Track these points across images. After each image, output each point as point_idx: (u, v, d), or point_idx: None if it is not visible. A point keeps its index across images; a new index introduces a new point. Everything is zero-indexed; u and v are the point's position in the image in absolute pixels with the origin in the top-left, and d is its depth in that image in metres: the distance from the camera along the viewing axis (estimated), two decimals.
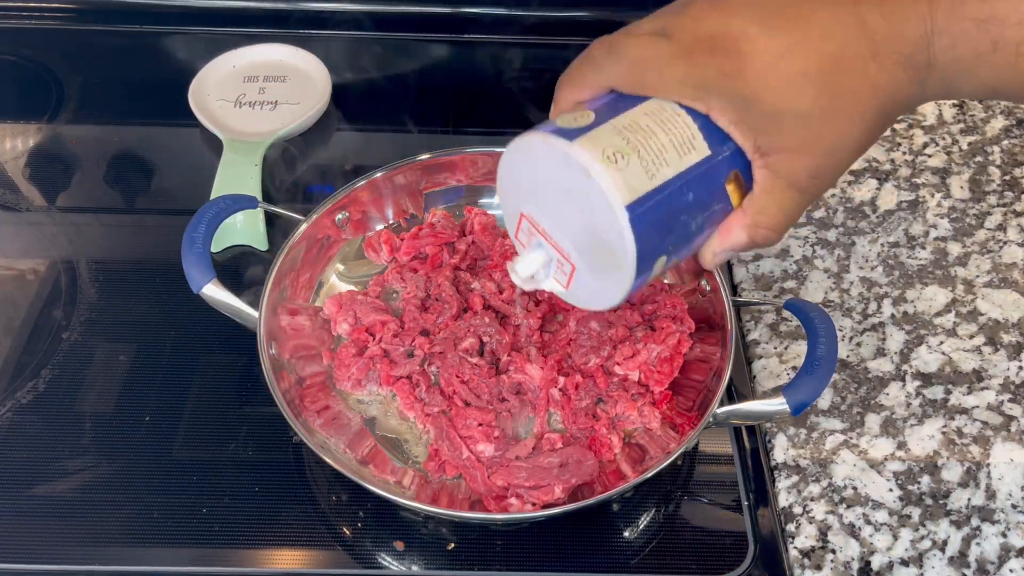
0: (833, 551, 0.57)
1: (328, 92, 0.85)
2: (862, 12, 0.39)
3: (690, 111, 0.41)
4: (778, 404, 0.56)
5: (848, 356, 0.67)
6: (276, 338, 0.63)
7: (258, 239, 0.75)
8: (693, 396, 0.63)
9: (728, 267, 0.74)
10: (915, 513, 0.59)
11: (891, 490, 0.60)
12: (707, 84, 0.39)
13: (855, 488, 0.60)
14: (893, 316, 0.69)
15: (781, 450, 0.62)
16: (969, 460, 0.62)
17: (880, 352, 0.67)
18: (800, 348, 0.67)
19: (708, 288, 0.66)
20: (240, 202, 0.68)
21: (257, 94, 0.85)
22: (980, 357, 0.67)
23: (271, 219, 0.76)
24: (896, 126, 0.83)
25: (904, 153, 0.81)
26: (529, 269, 0.44)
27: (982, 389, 0.65)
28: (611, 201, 0.38)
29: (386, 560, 0.59)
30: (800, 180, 0.41)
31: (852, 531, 0.58)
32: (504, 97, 0.88)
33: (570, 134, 0.39)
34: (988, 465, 0.61)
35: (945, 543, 0.58)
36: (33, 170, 0.82)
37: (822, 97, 0.39)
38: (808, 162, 0.41)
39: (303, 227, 0.67)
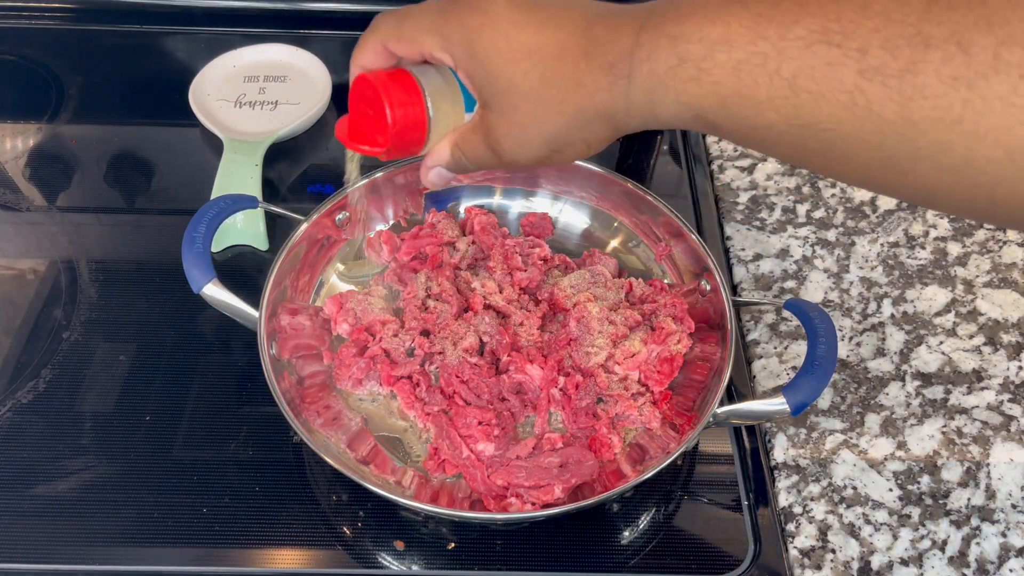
0: (833, 551, 0.58)
1: (328, 92, 0.85)
2: (592, 18, 0.43)
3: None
4: (778, 404, 0.56)
5: (848, 356, 0.67)
6: (276, 338, 0.63)
7: (258, 239, 0.75)
8: (693, 396, 0.63)
9: (728, 267, 0.74)
10: (915, 513, 0.59)
11: (891, 490, 0.60)
12: (448, 35, 0.45)
13: (855, 488, 0.60)
14: (893, 316, 0.70)
15: (781, 450, 0.62)
16: (969, 460, 0.62)
17: (880, 352, 0.67)
18: (800, 348, 0.67)
19: (708, 288, 0.66)
20: (240, 202, 0.68)
21: (257, 94, 0.85)
22: (980, 357, 0.67)
23: (271, 219, 0.76)
24: None
25: None
26: None
27: (982, 389, 0.65)
28: None
29: (386, 560, 0.59)
30: (492, 139, 0.47)
31: (852, 531, 0.58)
32: None
33: None
34: (988, 465, 0.61)
35: (945, 543, 0.58)
36: (33, 170, 0.82)
37: (533, 74, 0.43)
38: (503, 128, 0.46)
39: (303, 227, 0.67)
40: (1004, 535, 0.58)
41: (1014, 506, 0.59)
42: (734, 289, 0.73)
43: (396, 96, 0.48)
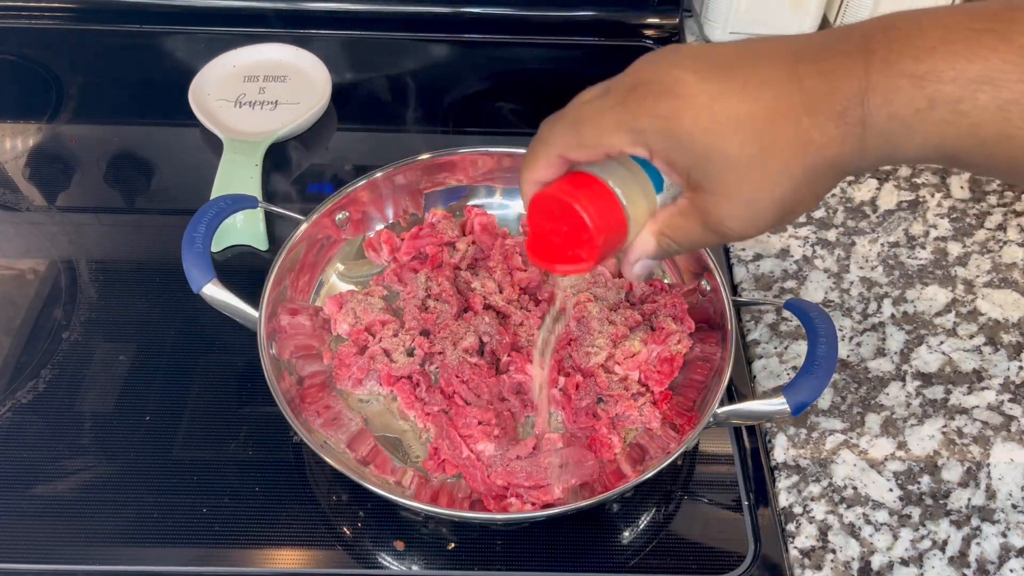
0: (833, 551, 0.57)
1: (328, 92, 0.85)
2: (799, 69, 0.39)
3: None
4: (778, 404, 0.56)
5: (848, 356, 0.67)
6: (276, 338, 0.63)
7: (258, 239, 0.75)
8: (693, 396, 0.63)
9: (728, 267, 0.74)
10: (915, 513, 0.59)
11: (891, 490, 0.60)
12: (642, 127, 0.40)
13: (855, 488, 0.60)
14: (893, 316, 0.70)
15: (781, 450, 0.62)
16: (969, 460, 0.62)
17: (880, 352, 0.67)
18: (800, 348, 0.67)
19: (708, 288, 0.66)
20: (240, 202, 0.68)
21: (257, 94, 0.85)
22: (980, 357, 0.67)
23: (271, 219, 0.76)
24: None
25: None
26: None
27: (982, 389, 0.65)
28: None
29: (386, 560, 0.59)
30: (713, 220, 0.42)
31: (852, 531, 0.58)
32: (504, 97, 0.88)
33: None
34: (988, 465, 0.61)
35: (945, 543, 0.58)
36: (33, 170, 0.82)
37: (750, 144, 0.39)
38: (726, 208, 0.41)
39: (303, 227, 0.67)
40: (1004, 535, 0.58)
41: (1014, 506, 0.59)
42: (734, 289, 0.73)
43: (591, 205, 0.43)
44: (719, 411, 0.58)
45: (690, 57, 0.41)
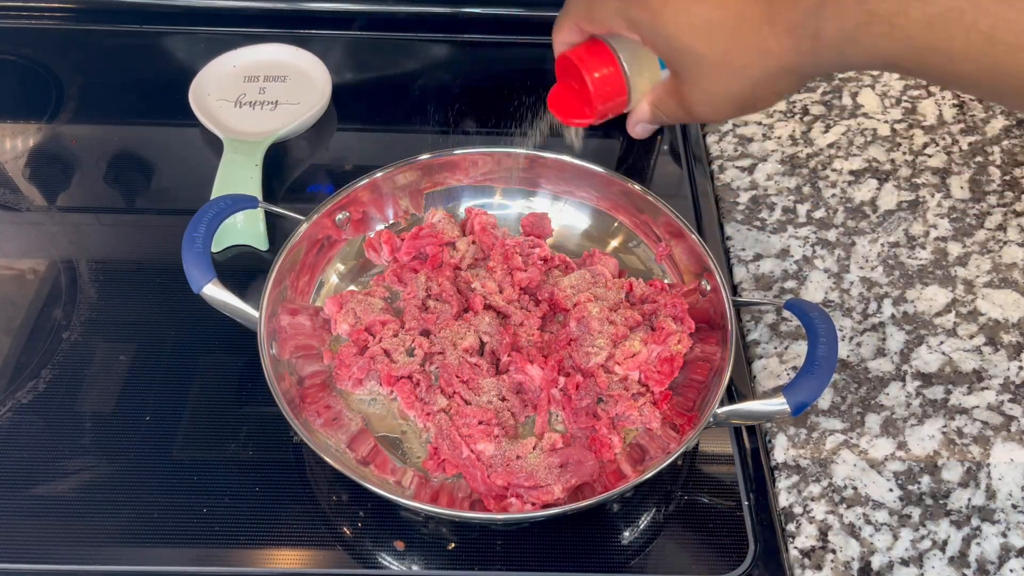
0: (833, 551, 0.57)
1: (328, 92, 0.85)
2: None
3: None
4: (778, 404, 0.56)
5: (848, 356, 0.67)
6: (276, 338, 0.63)
7: (258, 239, 0.75)
8: (693, 396, 0.63)
9: (728, 267, 0.74)
10: (915, 513, 0.59)
11: (891, 490, 0.60)
12: (637, 20, 0.48)
13: (855, 488, 0.60)
14: (893, 316, 0.70)
15: (781, 450, 0.62)
16: (969, 460, 0.62)
17: (880, 352, 0.67)
18: (800, 348, 0.67)
19: (708, 288, 0.66)
20: (240, 202, 0.68)
21: (257, 94, 0.85)
22: (980, 357, 0.67)
23: (271, 219, 0.76)
24: (896, 126, 0.84)
25: (904, 153, 0.81)
26: None
27: (982, 389, 0.65)
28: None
29: (386, 560, 0.59)
30: (686, 103, 0.51)
31: (852, 531, 0.58)
32: (504, 97, 0.88)
33: None
34: (988, 465, 0.61)
35: (945, 543, 0.58)
36: (33, 170, 0.82)
37: (716, 46, 0.46)
38: (695, 95, 0.49)
39: (303, 227, 0.67)
40: (1004, 535, 0.58)
41: (1014, 506, 0.59)
42: (734, 289, 0.73)
43: (595, 67, 0.53)
44: (719, 411, 0.58)
45: None
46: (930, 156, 0.81)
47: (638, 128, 0.57)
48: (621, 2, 0.49)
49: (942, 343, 0.68)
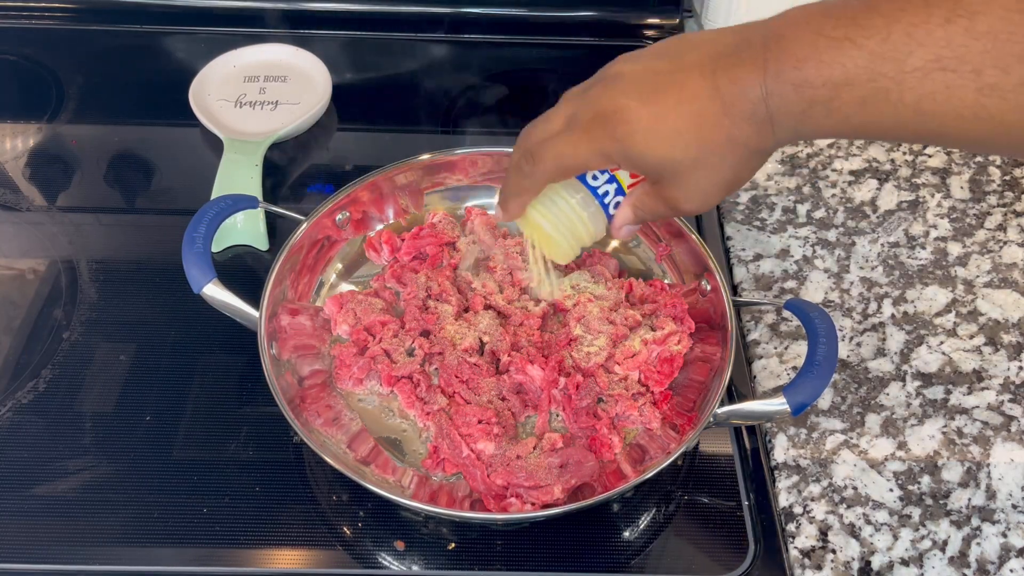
0: (833, 551, 0.57)
1: (328, 92, 0.85)
2: (717, 80, 0.47)
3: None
4: (778, 404, 0.56)
5: (848, 356, 0.67)
6: (276, 338, 0.63)
7: (258, 239, 0.75)
8: (693, 396, 0.63)
9: (728, 267, 0.74)
10: (915, 513, 0.59)
11: (891, 490, 0.60)
12: (608, 152, 0.50)
13: (855, 488, 0.60)
14: (893, 316, 0.70)
15: (781, 450, 0.62)
16: (969, 460, 0.62)
17: (880, 352, 0.67)
18: (800, 348, 0.67)
19: (708, 288, 0.66)
20: (241, 202, 0.68)
21: (257, 94, 0.85)
22: (980, 357, 0.67)
23: (271, 219, 0.76)
24: None
25: (904, 153, 0.81)
26: None
27: (982, 389, 0.65)
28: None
29: (386, 560, 0.59)
30: (672, 201, 0.53)
31: (852, 531, 0.58)
32: (504, 97, 0.88)
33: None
34: (988, 465, 0.61)
35: (945, 543, 0.58)
36: (33, 170, 0.82)
37: (690, 149, 0.48)
38: (681, 194, 0.52)
39: (303, 227, 0.67)
40: (1004, 535, 0.58)
41: (1014, 506, 0.59)
42: (734, 289, 0.73)
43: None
44: (719, 411, 0.58)
45: (631, 82, 0.49)
46: (930, 156, 0.81)
47: (624, 231, 0.58)
48: (591, 142, 0.51)
49: (942, 343, 0.68)
